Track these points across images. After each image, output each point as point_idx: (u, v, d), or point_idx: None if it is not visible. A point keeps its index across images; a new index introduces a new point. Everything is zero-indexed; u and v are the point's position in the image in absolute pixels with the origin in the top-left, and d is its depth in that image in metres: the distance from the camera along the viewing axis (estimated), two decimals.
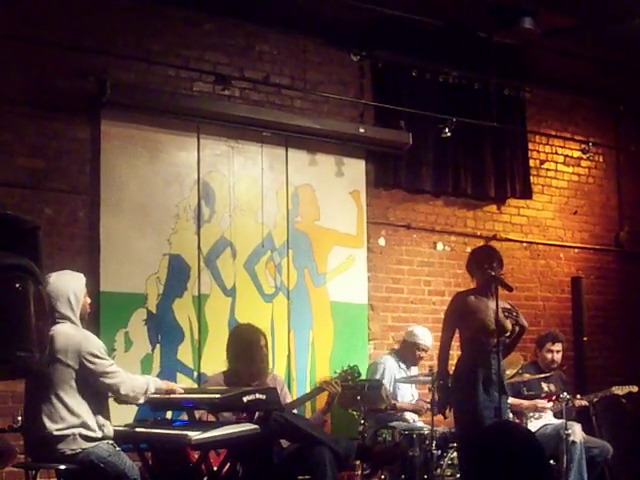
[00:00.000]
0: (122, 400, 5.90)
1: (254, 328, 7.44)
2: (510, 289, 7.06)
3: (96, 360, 5.72)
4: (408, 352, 8.52)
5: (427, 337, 8.54)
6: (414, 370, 8.55)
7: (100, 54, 7.67)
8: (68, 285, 5.86)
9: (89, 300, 6.07)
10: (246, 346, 7.24)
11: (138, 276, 7.79)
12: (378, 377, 8.24)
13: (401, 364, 8.48)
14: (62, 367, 5.66)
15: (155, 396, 6.04)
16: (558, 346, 8.91)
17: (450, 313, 7.23)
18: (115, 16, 7.84)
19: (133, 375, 5.98)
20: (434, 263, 9.45)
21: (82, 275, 6.03)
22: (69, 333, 5.74)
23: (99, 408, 5.75)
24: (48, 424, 5.63)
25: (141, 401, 5.96)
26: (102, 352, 5.80)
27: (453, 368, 7.25)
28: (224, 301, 8.22)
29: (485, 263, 7.15)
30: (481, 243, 9.76)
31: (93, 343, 5.80)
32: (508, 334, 7.15)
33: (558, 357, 8.91)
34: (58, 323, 5.73)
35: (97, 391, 5.76)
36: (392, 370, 8.37)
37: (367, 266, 9.07)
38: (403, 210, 9.42)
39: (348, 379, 7.44)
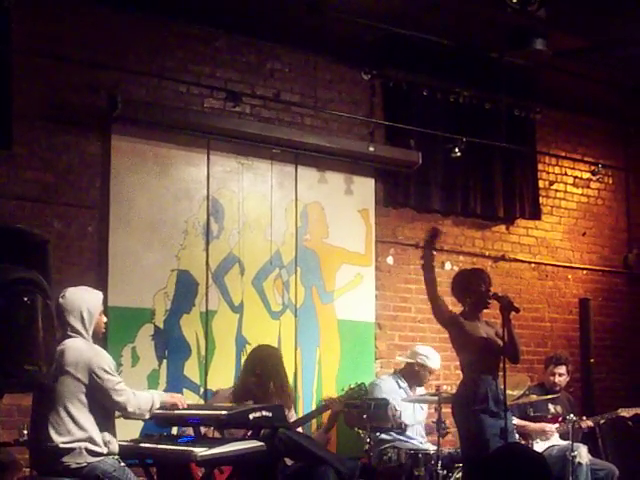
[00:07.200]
0: (128, 416, 5.91)
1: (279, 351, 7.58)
2: (517, 310, 6.97)
3: (105, 376, 5.73)
4: (413, 373, 8.39)
5: (435, 359, 8.42)
6: (420, 391, 8.42)
7: (112, 69, 7.70)
8: (83, 300, 5.87)
9: (105, 319, 6.09)
10: (280, 368, 7.41)
11: (146, 291, 7.79)
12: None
13: (401, 383, 8.33)
14: (72, 381, 5.67)
15: (161, 412, 6.05)
16: (561, 369, 8.91)
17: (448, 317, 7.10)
18: (127, 32, 7.86)
19: (138, 392, 5.97)
20: (442, 283, 9.26)
21: (100, 293, 6.06)
22: (81, 348, 5.75)
23: (106, 425, 5.75)
24: (54, 436, 5.62)
25: (147, 417, 5.97)
26: (112, 369, 5.81)
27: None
28: (231, 317, 8.21)
29: (475, 285, 7.02)
30: (489, 263, 9.77)
31: (104, 359, 5.81)
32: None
33: (561, 379, 8.92)
34: (70, 337, 5.74)
35: (104, 408, 5.75)
36: (389, 391, 8.18)
37: (375, 284, 9.06)
38: (412, 229, 9.41)
39: (355, 397, 7.41)
